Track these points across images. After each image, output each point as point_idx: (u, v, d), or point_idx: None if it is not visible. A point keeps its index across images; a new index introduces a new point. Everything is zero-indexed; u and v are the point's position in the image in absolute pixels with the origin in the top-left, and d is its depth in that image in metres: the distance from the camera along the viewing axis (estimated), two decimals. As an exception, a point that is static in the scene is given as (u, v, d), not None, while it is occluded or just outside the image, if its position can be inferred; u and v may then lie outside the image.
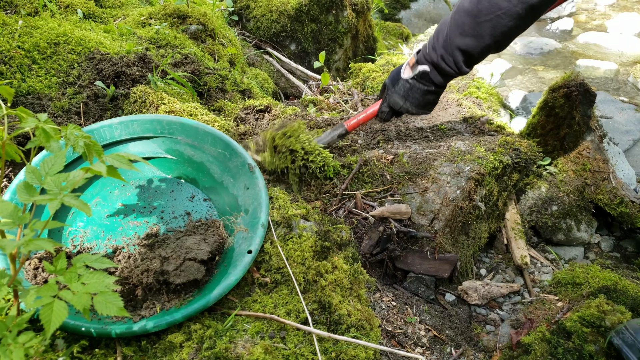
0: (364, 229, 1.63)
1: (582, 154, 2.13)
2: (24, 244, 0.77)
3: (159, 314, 1.14)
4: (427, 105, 1.71)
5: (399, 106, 1.72)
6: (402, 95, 1.68)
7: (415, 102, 1.69)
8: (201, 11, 2.59)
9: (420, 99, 1.68)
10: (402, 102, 1.69)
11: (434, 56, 1.58)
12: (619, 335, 1.28)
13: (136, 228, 1.40)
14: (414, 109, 1.71)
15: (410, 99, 1.68)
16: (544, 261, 2.02)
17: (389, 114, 1.79)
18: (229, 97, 2.24)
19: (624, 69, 4.23)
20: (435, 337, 1.46)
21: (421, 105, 1.70)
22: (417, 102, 1.69)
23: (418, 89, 1.66)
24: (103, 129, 1.54)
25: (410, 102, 1.69)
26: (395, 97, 1.70)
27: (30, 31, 1.88)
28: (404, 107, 1.71)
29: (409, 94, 1.67)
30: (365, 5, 3.28)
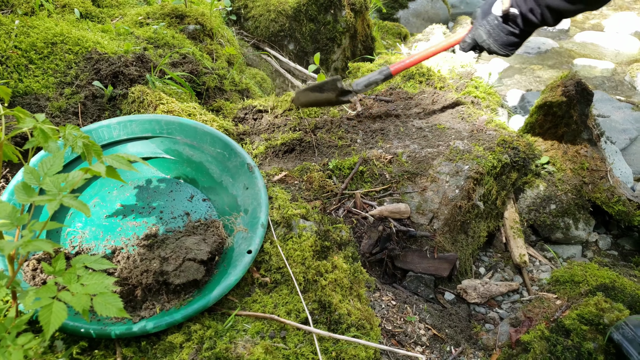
0: (364, 228, 1.63)
1: (580, 153, 2.13)
2: (22, 245, 0.77)
3: (158, 315, 1.14)
4: (509, 45, 1.71)
5: (481, 40, 1.73)
6: (488, 30, 1.70)
7: (499, 40, 1.70)
8: (199, 11, 2.59)
9: (505, 38, 1.68)
10: (485, 37, 1.71)
11: (524, 7, 1.58)
12: (618, 331, 1.28)
13: (135, 228, 1.39)
14: (496, 47, 1.72)
15: (495, 35, 1.69)
16: (543, 260, 2.02)
17: (470, 46, 1.81)
18: (227, 97, 2.23)
19: (620, 68, 4.24)
20: (435, 336, 1.46)
21: (504, 45, 1.71)
22: (500, 40, 1.70)
23: (504, 28, 1.66)
24: (101, 129, 1.54)
25: (494, 39, 1.70)
26: (480, 30, 1.72)
27: (27, 31, 1.88)
28: (486, 42, 1.72)
29: (495, 30, 1.68)
30: (363, 4, 3.28)
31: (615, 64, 4.31)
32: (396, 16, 4.75)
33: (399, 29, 4.32)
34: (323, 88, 1.95)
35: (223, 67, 2.40)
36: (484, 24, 1.71)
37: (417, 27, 4.78)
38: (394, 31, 4.28)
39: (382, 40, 4.06)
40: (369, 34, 3.49)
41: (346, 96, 1.96)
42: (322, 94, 1.96)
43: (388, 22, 4.41)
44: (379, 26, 4.23)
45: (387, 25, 4.34)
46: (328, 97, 1.97)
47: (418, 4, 4.86)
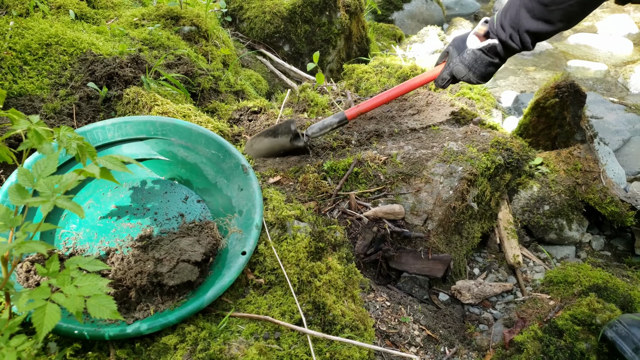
0: (358, 229, 1.64)
1: (573, 154, 2.14)
2: (16, 247, 0.77)
3: (152, 316, 1.14)
4: (488, 76, 1.77)
5: (462, 75, 1.77)
6: (467, 64, 1.73)
7: (479, 73, 1.74)
8: (194, 12, 2.59)
9: (484, 70, 1.73)
10: (465, 71, 1.75)
11: (503, 34, 1.62)
12: (612, 329, 1.29)
13: (129, 230, 1.39)
14: (475, 79, 1.77)
15: (474, 69, 1.73)
16: (536, 260, 2.03)
17: (448, 82, 1.85)
18: (222, 98, 2.24)
19: (613, 70, 4.27)
20: (429, 337, 1.47)
21: (483, 76, 1.76)
22: (480, 73, 1.74)
23: (483, 60, 1.71)
24: (96, 131, 1.53)
25: (474, 72, 1.74)
26: (460, 66, 1.75)
27: (22, 32, 1.87)
28: (467, 76, 1.76)
29: (474, 64, 1.72)
30: (358, 6, 3.29)
31: (608, 65, 4.33)
32: (391, 18, 4.76)
33: (394, 31, 4.33)
34: (277, 132, 1.84)
35: (218, 69, 2.40)
36: (462, 59, 1.74)
37: (412, 28, 4.80)
38: (389, 33, 4.29)
39: (377, 41, 4.07)
40: (364, 35, 3.50)
41: (300, 141, 1.86)
42: (275, 138, 1.84)
43: (383, 24, 4.43)
44: (374, 28, 4.25)
45: (382, 26, 4.35)
46: (283, 143, 1.85)
47: (413, 5, 4.88)
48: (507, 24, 1.60)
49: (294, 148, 1.86)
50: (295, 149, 1.87)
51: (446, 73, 1.82)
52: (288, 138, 1.82)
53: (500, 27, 1.63)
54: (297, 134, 1.84)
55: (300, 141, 1.85)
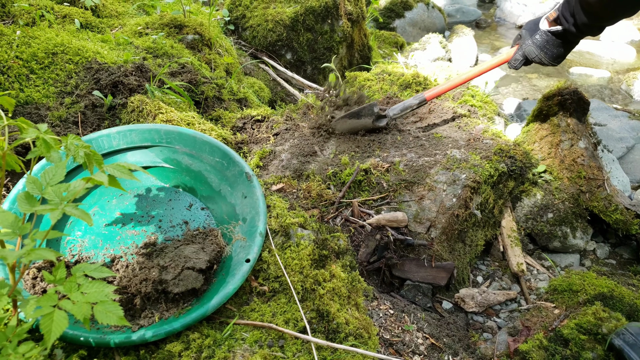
0: (361, 237, 1.64)
1: (577, 162, 2.14)
2: (24, 254, 0.77)
3: (157, 323, 1.14)
4: (559, 57, 1.85)
5: (534, 55, 1.86)
6: (539, 45, 1.83)
7: (550, 54, 1.83)
8: (198, 21, 2.61)
9: (555, 51, 1.82)
10: (537, 51, 1.84)
11: (566, 24, 1.73)
12: (619, 337, 1.29)
13: (134, 237, 1.40)
14: (547, 59, 1.85)
15: (546, 49, 1.82)
16: (540, 268, 2.03)
17: (521, 63, 1.93)
18: (225, 106, 2.25)
19: (616, 77, 4.28)
20: (433, 345, 1.46)
21: (554, 57, 1.84)
22: (552, 54, 1.83)
23: (554, 41, 1.80)
24: (101, 139, 1.55)
25: (545, 53, 1.83)
26: (532, 47, 1.85)
27: (28, 41, 1.89)
28: (539, 56, 1.85)
29: (545, 45, 1.82)
30: (360, 14, 3.31)
31: (611, 72, 4.34)
32: (393, 25, 4.78)
33: (396, 38, 4.35)
34: (360, 114, 2.00)
35: (221, 77, 2.42)
36: (534, 40, 1.84)
37: (414, 36, 4.82)
38: (391, 40, 4.31)
39: (379, 49, 4.09)
40: (365, 43, 3.52)
41: (382, 121, 2.04)
42: (359, 120, 2.01)
43: (385, 32, 4.45)
44: (375, 35, 4.27)
45: (383, 34, 4.37)
46: (365, 123, 2.03)
47: (414, 13, 4.90)
48: (568, 15, 1.70)
49: (376, 127, 2.06)
50: (376, 128, 2.07)
51: (519, 54, 1.91)
52: (371, 119, 2.01)
53: (563, 17, 1.73)
54: (379, 115, 2.02)
55: (382, 121, 2.05)
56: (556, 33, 1.78)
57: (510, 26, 5.71)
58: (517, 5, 5.75)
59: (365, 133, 2.08)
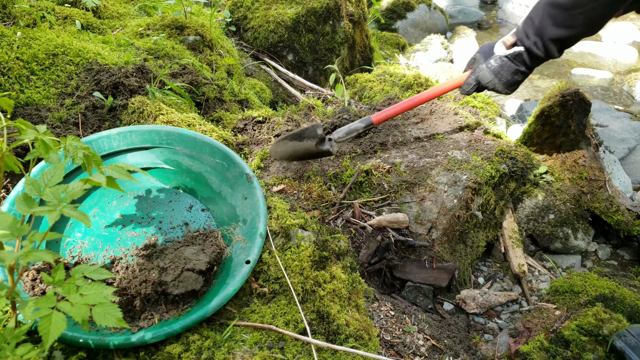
0: (362, 238, 1.64)
1: (578, 163, 2.14)
2: (23, 256, 0.77)
3: (157, 325, 1.14)
4: (514, 84, 1.76)
5: (487, 81, 1.77)
6: (493, 70, 1.74)
7: (505, 80, 1.74)
8: (199, 22, 2.61)
9: (510, 77, 1.73)
10: (491, 77, 1.75)
11: (527, 42, 1.63)
12: (621, 339, 1.28)
13: (134, 238, 1.40)
14: (501, 87, 1.76)
15: (500, 76, 1.73)
16: (542, 269, 2.02)
17: (473, 88, 1.84)
18: (227, 107, 2.25)
19: (618, 78, 4.27)
20: (434, 347, 1.46)
21: (509, 84, 1.75)
22: (506, 80, 1.74)
23: (510, 67, 1.71)
24: (101, 140, 1.55)
25: (499, 79, 1.74)
26: (486, 72, 1.76)
27: (29, 42, 1.89)
28: (492, 82, 1.76)
29: (500, 71, 1.73)
30: (361, 15, 3.31)
31: (613, 73, 4.33)
32: (394, 27, 4.78)
33: (398, 39, 4.35)
34: (302, 135, 1.83)
35: (222, 78, 2.42)
36: (489, 65, 1.75)
37: (416, 37, 4.81)
38: (393, 41, 4.31)
39: (381, 50, 4.09)
40: (367, 44, 3.52)
41: (325, 145, 1.85)
42: (301, 142, 1.83)
43: (386, 33, 4.44)
44: (377, 36, 4.27)
45: (385, 35, 4.37)
46: (308, 147, 1.83)
47: (416, 14, 4.90)
48: (532, 32, 1.61)
49: (319, 152, 1.86)
50: (319, 153, 1.87)
51: (472, 78, 1.83)
52: (314, 142, 1.82)
53: (524, 35, 1.64)
54: (323, 138, 1.84)
55: (325, 145, 1.85)
56: (513, 56, 1.68)
57: (512, 27, 5.69)
58: (519, 7, 5.75)
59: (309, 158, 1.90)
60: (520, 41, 1.66)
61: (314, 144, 1.82)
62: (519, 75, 1.73)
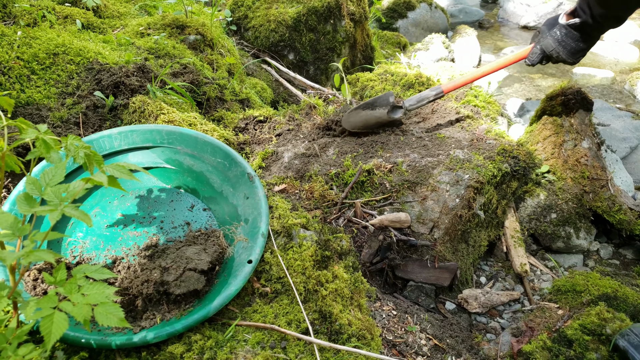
0: (364, 237, 1.63)
1: (580, 162, 2.13)
2: (24, 256, 0.77)
3: (159, 325, 1.13)
4: (578, 52, 1.81)
5: (551, 49, 1.82)
6: (557, 39, 1.79)
7: (569, 48, 1.79)
8: (200, 21, 2.60)
9: (574, 45, 1.78)
10: (555, 44, 1.80)
11: (583, 16, 1.71)
12: (624, 338, 1.28)
13: (136, 238, 1.39)
14: (565, 54, 1.81)
15: (564, 43, 1.78)
16: (544, 269, 2.01)
17: (539, 57, 1.88)
18: (228, 107, 2.24)
19: (620, 77, 4.26)
20: (436, 346, 1.45)
21: (573, 52, 1.80)
22: (570, 48, 1.79)
23: (572, 36, 1.76)
24: (102, 139, 1.54)
25: (563, 47, 1.79)
26: (549, 40, 1.81)
27: (29, 42, 1.89)
28: (556, 50, 1.81)
29: (564, 38, 1.78)
30: (362, 14, 3.30)
31: (614, 72, 4.32)
32: (395, 26, 4.77)
33: (399, 39, 4.34)
34: (375, 104, 1.90)
35: (223, 77, 2.42)
36: (553, 33, 1.80)
37: (417, 36, 4.81)
38: (394, 41, 4.30)
39: (382, 49, 4.08)
40: (368, 43, 3.51)
41: (397, 113, 1.92)
42: (373, 110, 1.91)
43: (387, 32, 4.44)
44: (378, 36, 4.26)
45: (386, 34, 4.36)
46: (379, 115, 1.91)
47: (417, 13, 4.89)
48: (585, 7, 1.68)
49: (390, 120, 1.92)
50: (391, 121, 1.93)
51: (537, 48, 1.87)
52: (386, 110, 1.89)
53: (580, 9, 1.71)
54: (394, 105, 1.90)
55: (397, 113, 1.92)
56: (574, 26, 1.74)
57: (513, 26, 5.70)
58: (520, 6, 5.74)
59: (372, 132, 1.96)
60: (578, 14, 1.73)
61: (385, 111, 1.90)
62: (583, 44, 1.78)
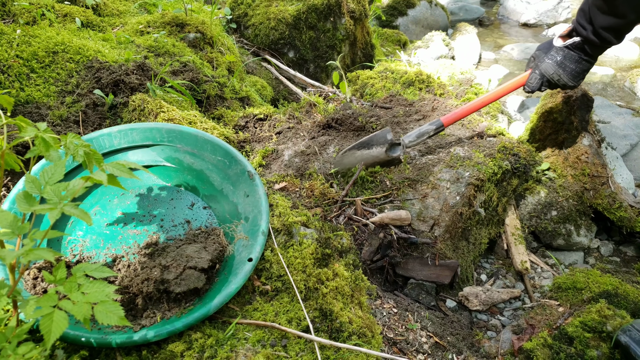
0: (364, 235, 1.63)
1: (581, 159, 2.13)
2: (23, 254, 0.76)
3: (159, 323, 1.13)
4: (579, 74, 1.73)
5: (551, 72, 1.75)
6: (557, 62, 1.73)
7: (569, 70, 1.72)
8: (199, 19, 2.60)
9: (574, 67, 1.71)
10: (555, 68, 1.73)
11: (583, 32, 1.63)
12: (626, 333, 1.27)
13: (136, 237, 1.39)
14: (566, 77, 1.74)
15: (564, 66, 1.72)
16: (544, 266, 2.01)
17: (539, 82, 1.81)
18: (227, 105, 2.24)
19: (620, 74, 4.25)
20: (437, 344, 1.45)
21: (574, 74, 1.73)
22: (570, 70, 1.72)
23: (572, 57, 1.70)
24: (102, 138, 1.54)
25: (564, 69, 1.73)
26: (549, 64, 1.74)
27: (29, 40, 1.89)
28: (556, 73, 1.74)
29: (563, 61, 1.72)
30: (362, 12, 3.29)
31: (615, 69, 4.32)
32: (395, 23, 4.77)
33: (399, 36, 4.33)
34: (371, 143, 1.76)
35: (223, 75, 2.41)
36: (550, 57, 1.74)
37: (417, 34, 4.80)
38: (394, 38, 4.30)
39: (382, 47, 4.07)
40: (368, 41, 3.51)
41: (396, 151, 1.79)
42: (370, 150, 1.76)
43: (387, 30, 4.43)
44: (378, 33, 4.25)
45: (386, 32, 4.35)
46: (377, 154, 1.77)
47: (417, 11, 4.88)
48: (585, 22, 1.62)
49: (389, 159, 1.78)
50: (390, 160, 1.79)
51: (536, 73, 1.81)
52: (384, 149, 1.75)
53: (579, 25, 1.64)
54: (393, 143, 1.77)
55: (396, 151, 1.79)
56: (573, 46, 1.68)
57: (513, 24, 5.69)
58: (520, 3, 5.73)
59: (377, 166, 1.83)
60: (577, 32, 1.67)
61: (384, 150, 1.75)
62: (583, 64, 1.72)
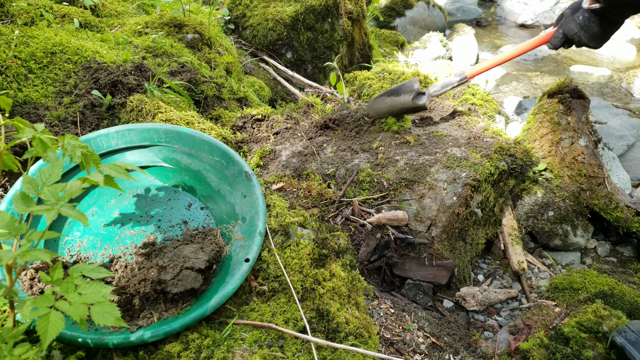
0: (362, 236, 1.63)
1: (578, 160, 2.13)
2: (20, 255, 0.77)
3: (156, 324, 1.13)
4: (600, 37, 1.77)
5: (573, 33, 1.79)
6: (580, 23, 1.76)
7: (591, 32, 1.76)
8: (197, 20, 2.60)
9: (596, 30, 1.75)
10: (577, 29, 1.77)
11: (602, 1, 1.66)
12: (621, 334, 1.28)
13: (133, 237, 1.39)
14: (587, 39, 1.78)
15: (585, 28, 1.76)
16: (541, 266, 2.02)
17: (561, 41, 1.86)
18: (225, 105, 2.24)
19: (617, 75, 4.26)
20: (434, 344, 1.46)
21: (595, 36, 1.77)
22: (592, 32, 1.76)
23: (595, 20, 1.73)
24: (100, 138, 1.54)
25: (585, 31, 1.76)
26: (572, 24, 1.78)
27: (27, 41, 1.89)
28: (577, 34, 1.78)
29: (585, 23, 1.75)
30: (360, 13, 3.30)
31: (611, 70, 4.33)
32: (393, 24, 4.77)
33: (396, 37, 4.34)
34: (399, 91, 1.93)
35: (221, 76, 2.41)
36: (575, 18, 1.78)
37: (414, 34, 4.81)
38: (391, 39, 4.30)
39: (380, 48, 4.08)
40: (366, 42, 3.51)
41: (421, 99, 1.95)
42: (398, 97, 1.93)
43: (385, 30, 4.44)
44: (376, 34, 4.26)
45: (384, 33, 4.36)
46: (404, 101, 1.93)
47: (415, 12, 4.89)
48: None
49: (415, 106, 1.95)
50: (415, 107, 1.95)
51: (559, 32, 1.85)
52: (410, 96, 1.91)
53: None
54: (419, 92, 1.92)
55: (421, 99, 1.95)
56: (595, 11, 1.72)
57: (510, 25, 5.70)
58: (517, 4, 5.74)
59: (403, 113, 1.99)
60: None
61: (410, 97, 1.92)
62: (606, 27, 1.74)
